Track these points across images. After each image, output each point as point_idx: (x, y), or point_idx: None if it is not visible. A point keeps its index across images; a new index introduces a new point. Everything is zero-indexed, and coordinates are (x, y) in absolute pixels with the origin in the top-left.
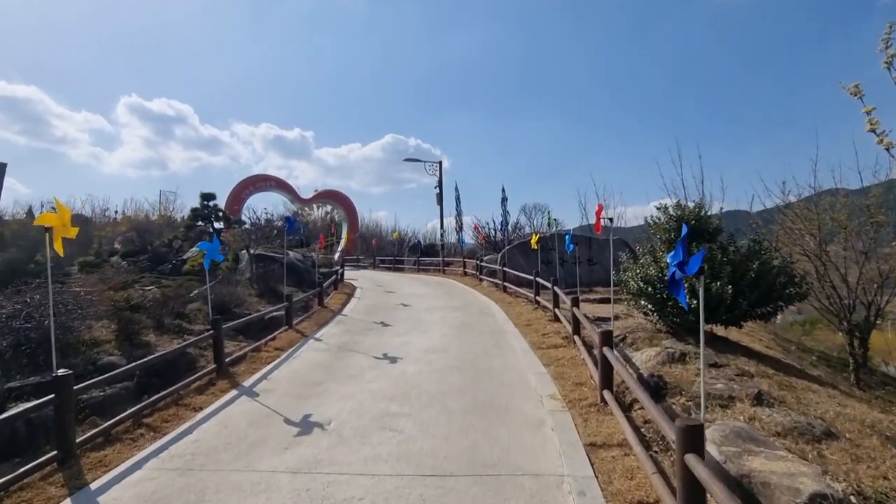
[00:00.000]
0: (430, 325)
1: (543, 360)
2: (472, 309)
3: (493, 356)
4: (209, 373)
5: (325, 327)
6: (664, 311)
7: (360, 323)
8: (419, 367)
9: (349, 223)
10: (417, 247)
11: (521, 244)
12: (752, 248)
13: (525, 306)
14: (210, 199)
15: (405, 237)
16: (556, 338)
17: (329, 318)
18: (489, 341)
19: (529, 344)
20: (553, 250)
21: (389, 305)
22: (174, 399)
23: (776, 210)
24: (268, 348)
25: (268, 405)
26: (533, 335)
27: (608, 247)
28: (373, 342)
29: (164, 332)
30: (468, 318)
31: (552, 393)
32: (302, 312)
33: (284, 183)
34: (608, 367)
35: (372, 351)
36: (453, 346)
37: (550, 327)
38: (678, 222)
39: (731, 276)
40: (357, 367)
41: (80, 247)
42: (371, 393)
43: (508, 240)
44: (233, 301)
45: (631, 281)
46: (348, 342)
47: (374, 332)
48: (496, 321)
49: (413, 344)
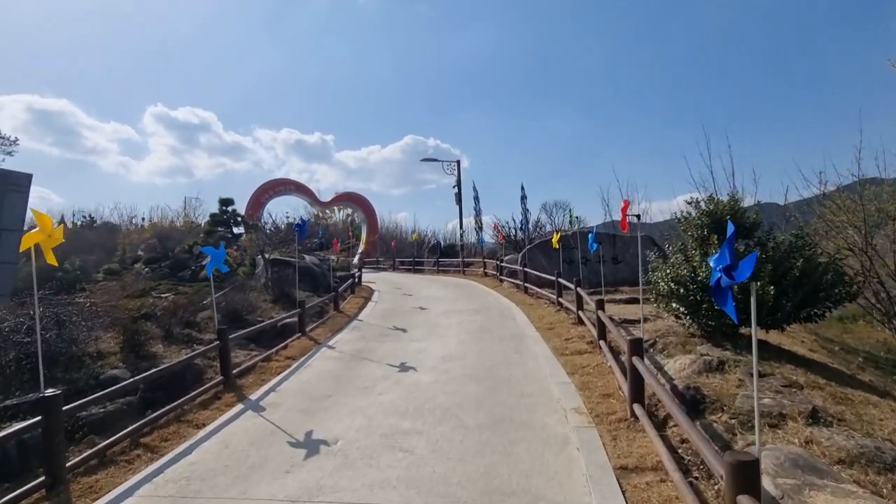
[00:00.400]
0: (447, 329)
1: (567, 367)
2: (492, 312)
3: (514, 364)
4: (215, 385)
5: (340, 334)
6: (698, 313)
7: (375, 328)
8: (434, 377)
9: (368, 225)
10: (437, 248)
11: (542, 243)
12: (793, 244)
13: (547, 308)
14: (228, 205)
15: (424, 238)
16: (581, 343)
17: (344, 324)
18: (509, 347)
19: (552, 350)
20: (575, 249)
21: (406, 309)
22: (177, 415)
23: (814, 201)
24: (278, 357)
25: (273, 421)
26: (555, 340)
27: (633, 244)
28: (387, 349)
29: (173, 342)
30: (487, 322)
31: (577, 406)
32: (317, 318)
33: (303, 186)
34: (639, 379)
35: (386, 359)
36: (471, 352)
37: (574, 331)
38: (711, 217)
39: (772, 275)
40: (369, 377)
41: (107, 253)
42: (382, 407)
43: (529, 239)
44: (245, 308)
45: (660, 282)
46: (362, 350)
47: (390, 338)
48: (516, 325)
49: (429, 351)
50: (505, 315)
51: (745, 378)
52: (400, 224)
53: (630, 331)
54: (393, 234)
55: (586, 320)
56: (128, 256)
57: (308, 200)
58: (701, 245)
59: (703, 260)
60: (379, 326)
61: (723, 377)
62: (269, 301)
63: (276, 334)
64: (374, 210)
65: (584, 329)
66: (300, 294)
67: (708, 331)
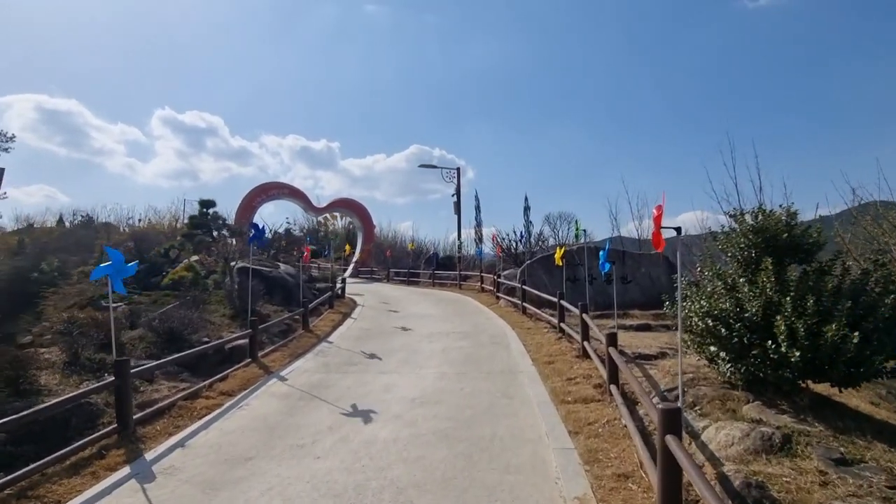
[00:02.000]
0: (427, 358)
1: (569, 422)
2: (483, 336)
3: (501, 414)
4: (106, 436)
5: (300, 360)
6: (743, 360)
7: (343, 354)
8: (395, 432)
9: (364, 233)
10: (433, 259)
11: (544, 258)
12: (870, 274)
13: (547, 335)
14: (210, 207)
15: (422, 249)
16: (586, 385)
17: (309, 347)
18: (498, 387)
19: (550, 393)
20: (580, 266)
21: (387, 330)
22: (30, 484)
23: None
24: (210, 393)
25: (156, 503)
26: (555, 379)
27: (645, 262)
28: (349, 384)
29: (76, 371)
30: (476, 350)
31: (583, 494)
32: (280, 338)
33: (298, 191)
34: (674, 469)
35: (343, 399)
36: (450, 393)
37: (578, 367)
38: (760, 234)
39: (850, 313)
40: (313, 428)
41: (90, 254)
42: (313, 482)
43: (531, 252)
44: (188, 326)
45: (694, 317)
46: (318, 384)
47: (357, 367)
48: (510, 355)
49: (399, 388)
50: (497, 341)
51: (828, 469)
52: (400, 233)
53: (646, 369)
54: (391, 244)
55: (593, 354)
56: (105, 258)
57: (302, 206)
58: (745, 269)
59: (752, 291)
60: (348, 352)
61: (793, 464)
62: (227, 317)
63: (223, 359)
64: (370, 217)
65: (590, 366)
66: (267, 309)
67: (751, 379)
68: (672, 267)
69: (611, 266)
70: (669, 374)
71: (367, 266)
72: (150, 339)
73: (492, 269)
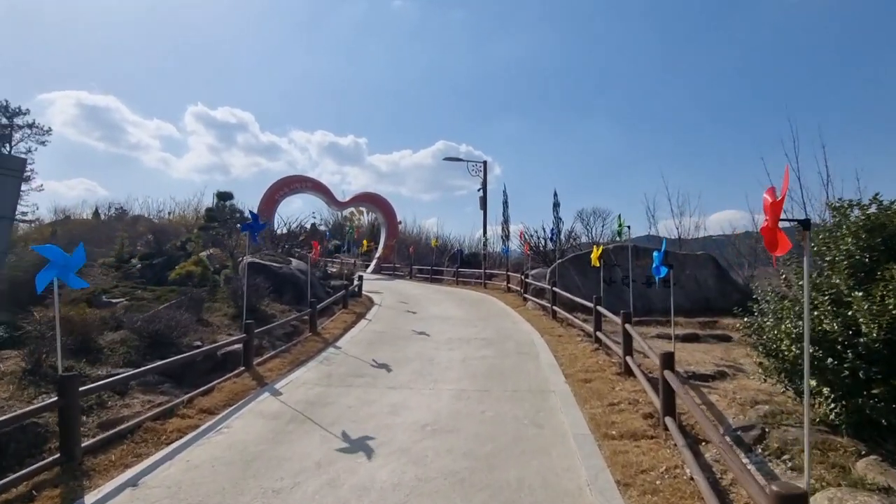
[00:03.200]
0: (444, 370)
1: (616, 468)
2: (509, 344)
3: (530, 451)
4: (46, 468)
5: (301, 369)
6: (854, 397)
7: (350, 363)
8: (398, 474)
9: (388, 228)
10: (457, 256)
11: (577, 258)
12: None
13: (581, 344)
14: (227, 199)
15: (447, 245)
16: (633, 413)
17: (314, 353)
18: (525, 411)
19: (589, 421)
20: (617, 266)
21: (403, 334)
22: None
23: None
24: (188, 410)
25: None
26: (594, 403)
27: (690, 263)
28: (350, 403)
29: (35, 382)
30: (500, 361)
31: None
32: (285, 341)
33: (320, 185)
34: None
35: (340, 423)
36: (468, 418)
37: (621, 388)
38: (878, 234)
39: None
40: (297, 464)
41: (112, 246)
42: None
43: (561, 251)
44: (177, 329)
45: (784, 340)
46: (316, 401)
47: (364, 380)
48: (539, 369)
49: (408, 410)
50: (525, 351)
51: None
52: (425, 229)
53: (703, 394)
54: (415, 240)
55: (638, 372)
56: (126, 251)
57: (325, 200)
58: (857, 279)
59: (871, 307)
60: (356, 360)
61: None
62: (228, 317)
63: (214, 366)
64: (393, 212)
65: (635, 386)
66: (274, 308)
67: (861, 422)
68: (721, 269)
69: (668, 270)
70: (735, 401)
71: (390, 262)
72: (132, 344)
73: (519, 268)
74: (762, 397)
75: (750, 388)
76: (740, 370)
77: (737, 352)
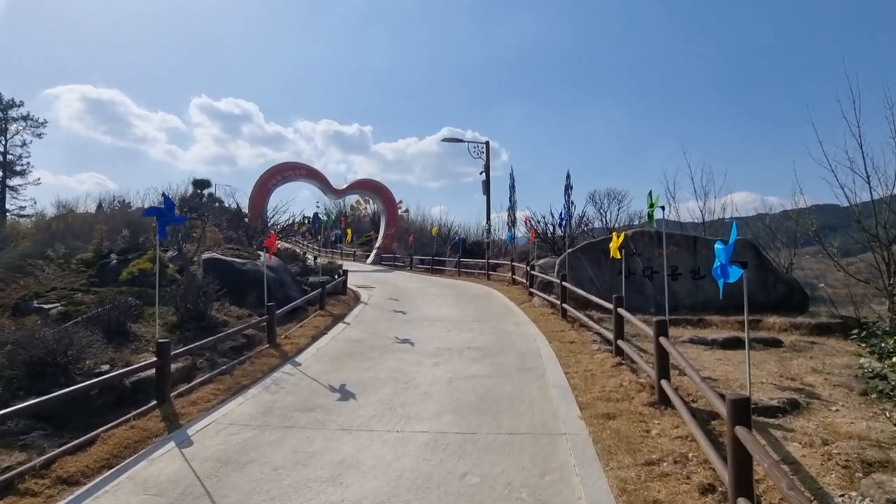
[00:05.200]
0: (422, 399)
1: None
2: (509, 355)
3: None
4: None
5: (236, 399)
6: None
7: (304, 388)
8: None
9: (388, 216)
10: (458, 245)
11: (590, 246)
12: None
13: (598, 355)
14: (203, 187)
15: (448, 232)
16: (685, 484)
17: (261, 375)
18: (525, 477)
19: (618, 493)
20: (637, 255)
21: (382, 343)
22: None
23: None
24: (41, 480)
25: None
26: (624, 460)
27: None
28: (279, 462)
29: None
30: (496, 382)
31: None
32: (233, 356)
33: (316, 171)
34: None
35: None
36: (441, 491)
37: (659, 432)
38: None
39: None
40: None
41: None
42: None
43: (571, 238)
44: (68, 351)
45: None
46: (233, 458)
47: (311, 417)
48: (546, 395)
49: (357, 476)
50: (528, 365)
51: None
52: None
53: (779, 441)
54: (419, 228)
55: (680, 405)
56: (104, 246)
57: (321, 187)
58: None
59: None
60: (312, 384)
61: None
62: (167, 327)
63: (119, 399)
64: (393, 199)
65: (679, 430)
66: (230, 313)
67: None
68: (762, 258)
69: (743, 272)
70: (832, 458)
71: (390, 252)
72: (9, 373)
73: (525, 257)
74: (871, 452)
75: (842, 432)
76: (814, 396)
77: (796, 364)
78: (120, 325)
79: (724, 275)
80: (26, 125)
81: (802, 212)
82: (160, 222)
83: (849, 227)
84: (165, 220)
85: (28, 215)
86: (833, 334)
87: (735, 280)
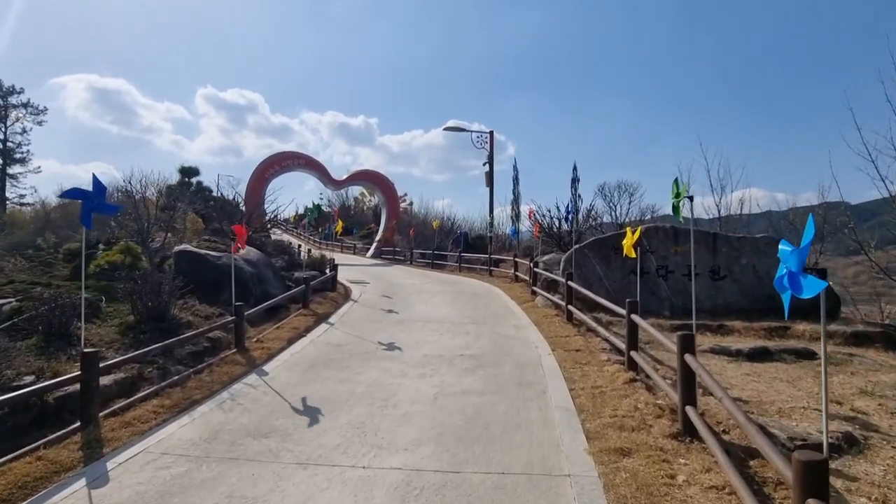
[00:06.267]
0: (400, 422)
1: None
2: (506, 366)
3: None
4: None
5: (178, 420)
6: None
7: (264, 406)
8: None
9: (389, 209)
10: (460, 239)
11: (598, 242)
12: None
13: (608, 367)
14: (191, 175)
15: (449, 226)
16: None
17: (218, 388)
18: None
19: None
20: (650, 253)
21: (366, 348)
22: None
23: None
24: None
25: None
26: None
27: (746, 249)
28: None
29: None
30: (490, 401)
31: None
32: (192, 363)
33: (315, 161)
34: None
35: None
36: None
37: (686, 477)
38: None
39: None
40: None
41: (104, 229)
42: None
43: (578, 232)
44: None
45: None
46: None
47: (264, 446)
48: (546, 419)
49: None
50: (528, 379)
51: None
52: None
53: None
54: (420, 221)
55: (712, 442)
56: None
57: (320, 178)
58: None
59: None
60: (275, 400)
61: None
62: (122, 329)
63: (39, 420)
64: (394, 191)
65: (708, 466)
66: (198, 313)
67: None
68: None
69: (825, 285)
70: None
71: (391, 245)
72: None
73: (529, 252)
74: None
75: None
76: (871, 427)
77: (837, 381)
78: (63, 326)
79: (795, 287)
80: (26, 112)
81: (830, 206)
82: (84, 208)
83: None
84: (91, 205)
85: (28, 204)
86: (873, 345)
87: (812, 296)
